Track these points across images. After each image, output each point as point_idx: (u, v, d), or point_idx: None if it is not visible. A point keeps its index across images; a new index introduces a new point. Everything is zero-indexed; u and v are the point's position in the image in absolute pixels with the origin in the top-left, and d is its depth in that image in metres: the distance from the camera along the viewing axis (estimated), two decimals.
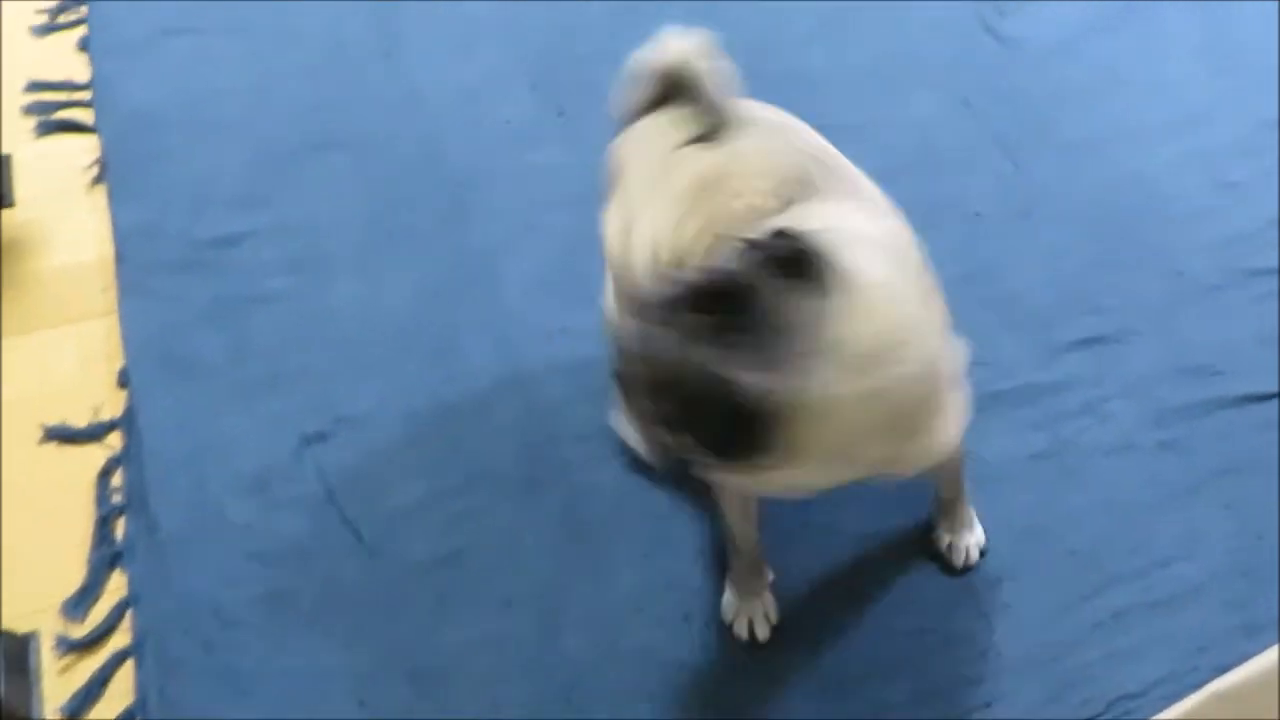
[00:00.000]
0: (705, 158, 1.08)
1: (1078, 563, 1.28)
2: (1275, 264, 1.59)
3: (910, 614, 1.25)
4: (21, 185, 1.61)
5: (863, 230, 0.97)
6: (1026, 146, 1.74)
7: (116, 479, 1.34)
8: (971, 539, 1.27)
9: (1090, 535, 1.30)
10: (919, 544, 1.29)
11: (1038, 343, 1.48)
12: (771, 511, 1.20)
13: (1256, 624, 1.22)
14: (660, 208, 1.08)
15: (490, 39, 1.84)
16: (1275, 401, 1.44)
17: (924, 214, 1.58)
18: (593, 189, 1.59)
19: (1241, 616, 1.23)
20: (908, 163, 1.69)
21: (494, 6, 1.89)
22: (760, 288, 0.82)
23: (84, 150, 1.69)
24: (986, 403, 1.40)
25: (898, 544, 1.31)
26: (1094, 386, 1.44)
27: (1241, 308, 1.54)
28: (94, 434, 1.38)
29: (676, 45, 1.15)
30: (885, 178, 1.59)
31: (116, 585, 1.26)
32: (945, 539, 1.27)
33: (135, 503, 1.31)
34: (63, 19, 1.88)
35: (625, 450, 1.32)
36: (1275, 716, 0.74)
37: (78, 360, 1.44)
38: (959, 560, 1.26)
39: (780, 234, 0.84)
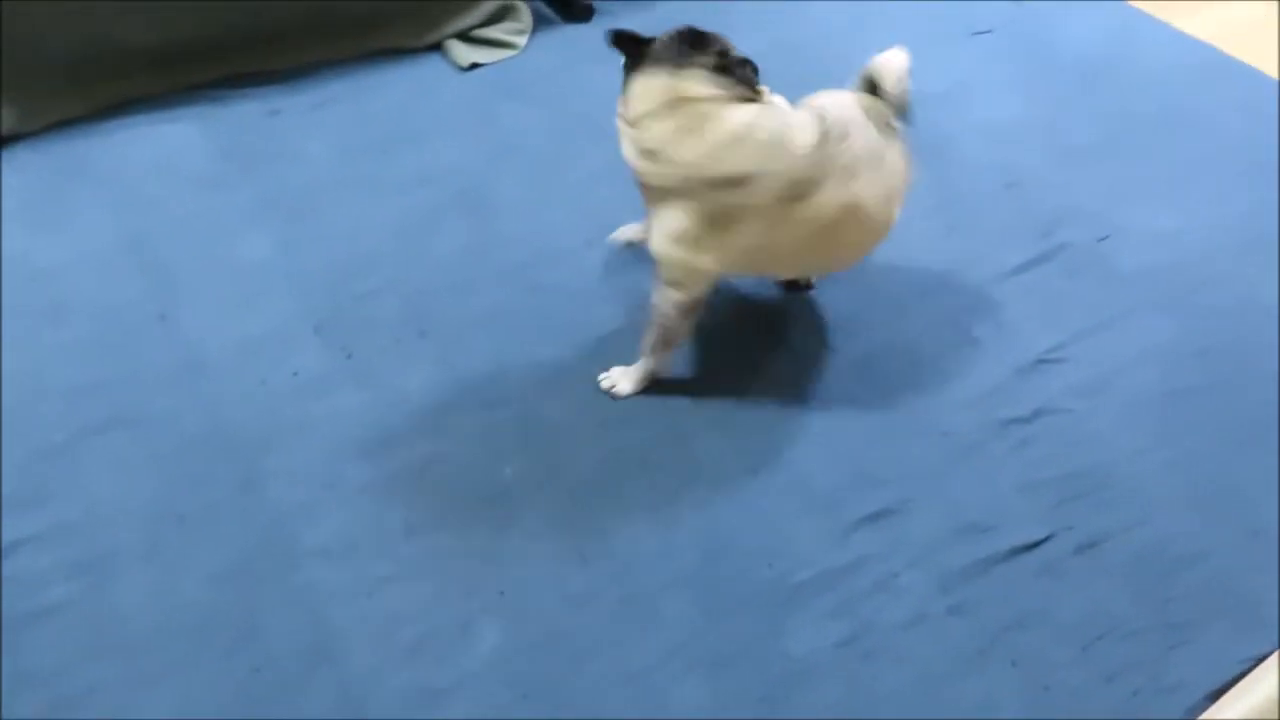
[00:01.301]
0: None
1: None
2: (1025, 411, 1.76)
3: None
4: None
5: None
6: (797, 326, 1.87)
7: None
8: None
9: (900, 715, 1.37)
10: None
11: (830, 525, 1.57)
12: None
13: None
14: None
15: (270, 286, 1.85)
16: (1043, 547, 1.57)
17: (720, 406, 1.69)
18: (394, 431, 1.62)
19: None
20: (690, 360, 1.79)
21: (271, 251, 1.91)
22: None
23: None
24: (789, 596, 1.48)
25: None
26: (884, 561, 1.53)
27: (1001, 459, 1.69)
28: None
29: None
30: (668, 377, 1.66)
31: None
32: None
33: None
34: None
35: None
36: None
37: None
38: None
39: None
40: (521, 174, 2.13)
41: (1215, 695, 1.41)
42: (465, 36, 2.45)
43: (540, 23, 2.56)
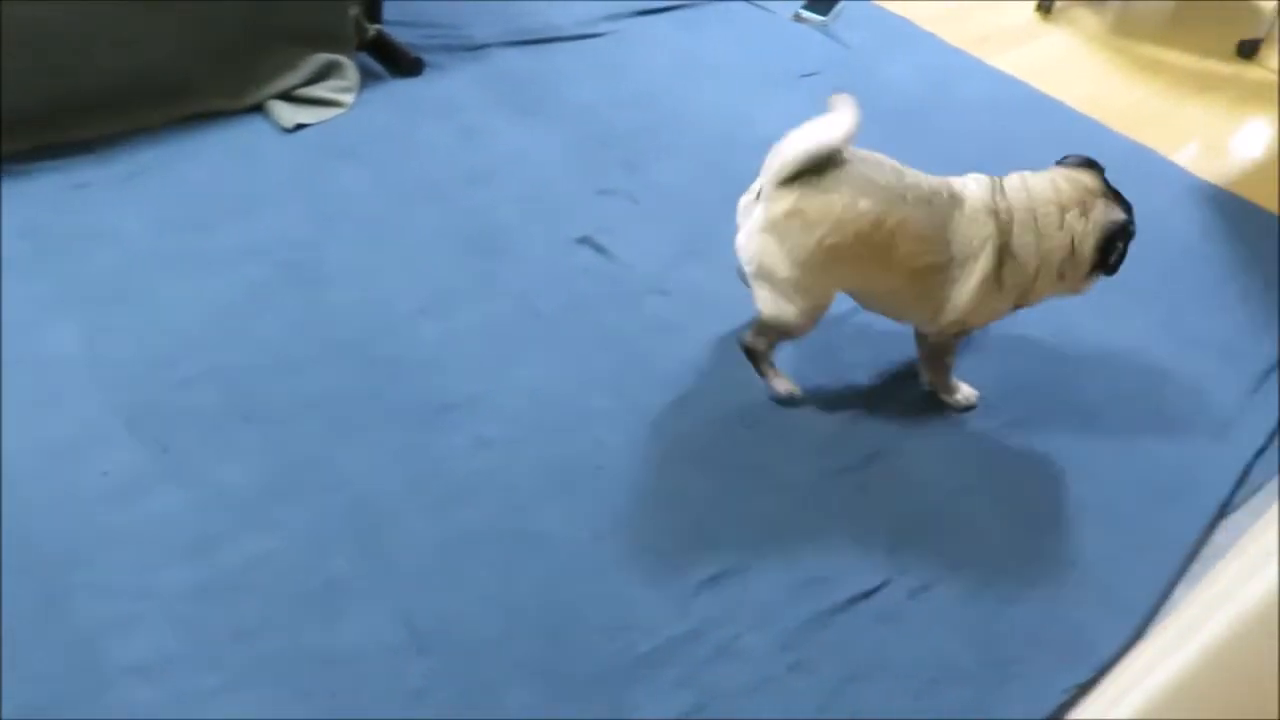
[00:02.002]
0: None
1: None
2: (858, 459, 1.80)
3: None
4: None
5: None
6: (635, 388, 1.87)
7: None
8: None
9: None
10: None
11: (672, 591, 1.57)
12: None
13: None
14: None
15: (75, 380, 1.74)
16: (879, 594, 1.61)
17: (548, 476, 1.68)
18: (215, 529, 1.54)
19: None
20: (526, 429, 1.77)
21: (76, 342, 1.80)
22: None
23: None
24: (633, 670, 1.48)
25: None
26: (726, 625, 1.54)
27: (838, 508, 1.73)
28: None
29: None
30: (502, 447, 1.66)
31: None
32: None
33: None
34: None
35: None
36: None
37: None
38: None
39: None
40: (353, 241, 2.08)
41: None
42: (289, 96, 2.37)
43: (368, 79, 2.51)
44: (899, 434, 1.85)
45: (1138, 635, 1.60)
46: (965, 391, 1.90)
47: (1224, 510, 1.80)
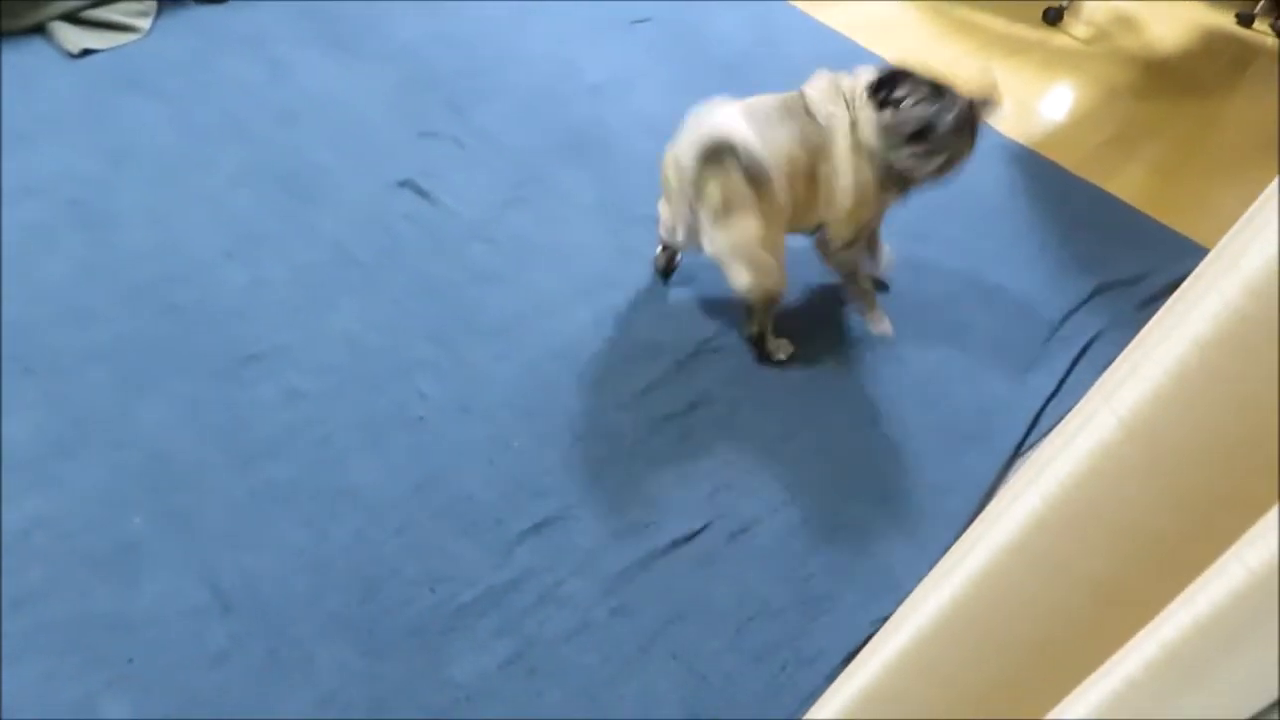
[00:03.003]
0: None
1: None
2: (682, 406, 1.82)
3: None
4: None
5: None
6: (458, 338, 1.82)
7: None
8: None
9: None
10: None
11: (492, 541, 1.55)
12: None
13: None
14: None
15: None
16: (699, 538, 1.64)
17: (364, 429, 1.62)
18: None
19: None
20: (341, 380, 1.70)
21: None
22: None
23: None
24: (452, 621, 1.45)
25: None
26: (548, 573, 1.54)
27: (661, 453, 1.74)
28: None
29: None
30: (315, 399, 1.59)
31: None
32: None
33: None
34: None
35: None
36: None
37: None
38: None
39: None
40: (146, 180, 1.93)
41: (849, 659, 1.54)
42: (74, 18, 2.17)
43: (166, 3, 2.32)
44: (722, 382, 1.88)
45: None
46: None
47: (1018, 451, 1.92)
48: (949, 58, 3.04)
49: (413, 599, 1.46)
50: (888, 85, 1.78)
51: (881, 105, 1.77)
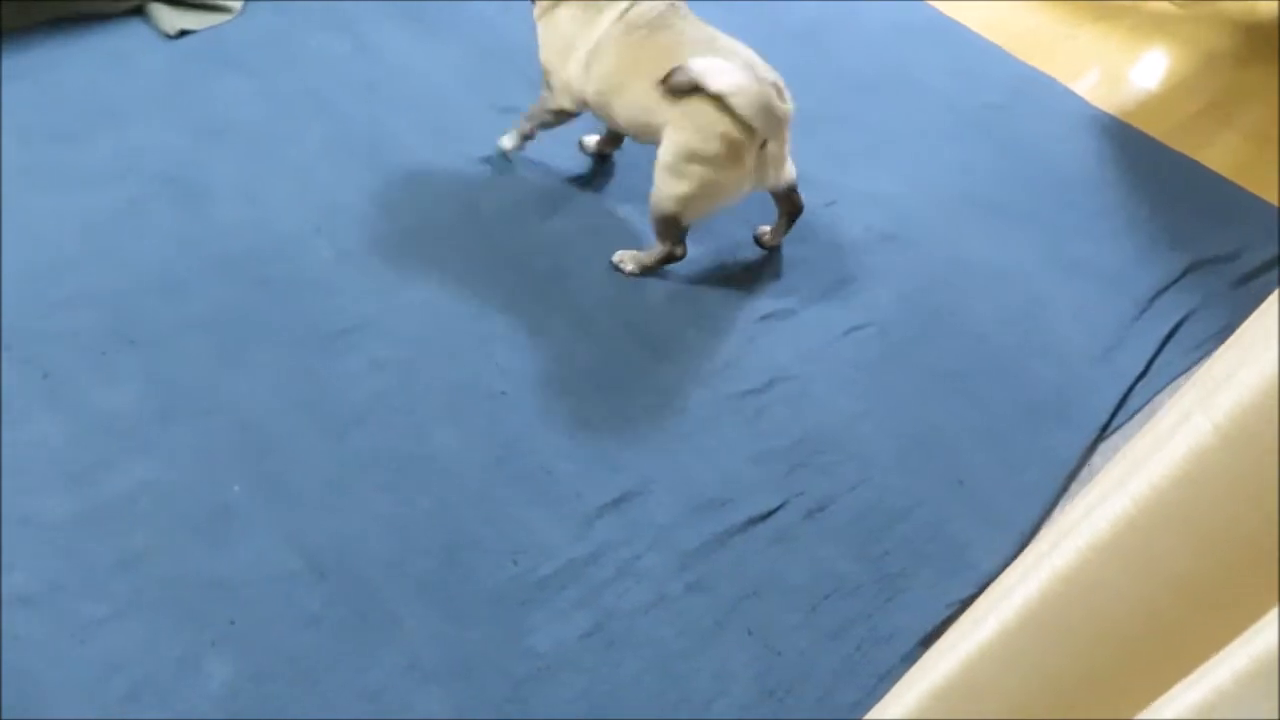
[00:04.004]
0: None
1: None
2: (759, 382, 1.83)
3: None
4: None
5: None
6: (537, 311, 1.85)
7: None
8: None
9: (639, 701, 1.42)
10: None
11: (571, 514, 1.59)
12: None
13: None
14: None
15: None
16: (775, 516, 1.65)
17: (451, 399, 1.66)
18: (100, 456, 1.49)
19: None
20: (423, 351, 1.75)
21: None
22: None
23: None
24: (533, 592, 1.49)
25: None
26: (625, 546, 1.57)
27: (737, 431, 1.75)
28: None
29: None
30: (397, 369, 1.64)
31: None
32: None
33: None
34: None
35: None
36: None
37: None
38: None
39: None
40: (237, 156, 1.99)
41: (927, 641, 1.54)
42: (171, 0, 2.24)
43: None
44: (797, 358, 1.88)
45: (1017, 552, 1.67)
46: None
47: (1103, 433, 1.89)
48: (1034, 24, 2.96)
49: (495, 568, 1.51)
50: None
51: None
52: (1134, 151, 2.55)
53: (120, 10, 2.20)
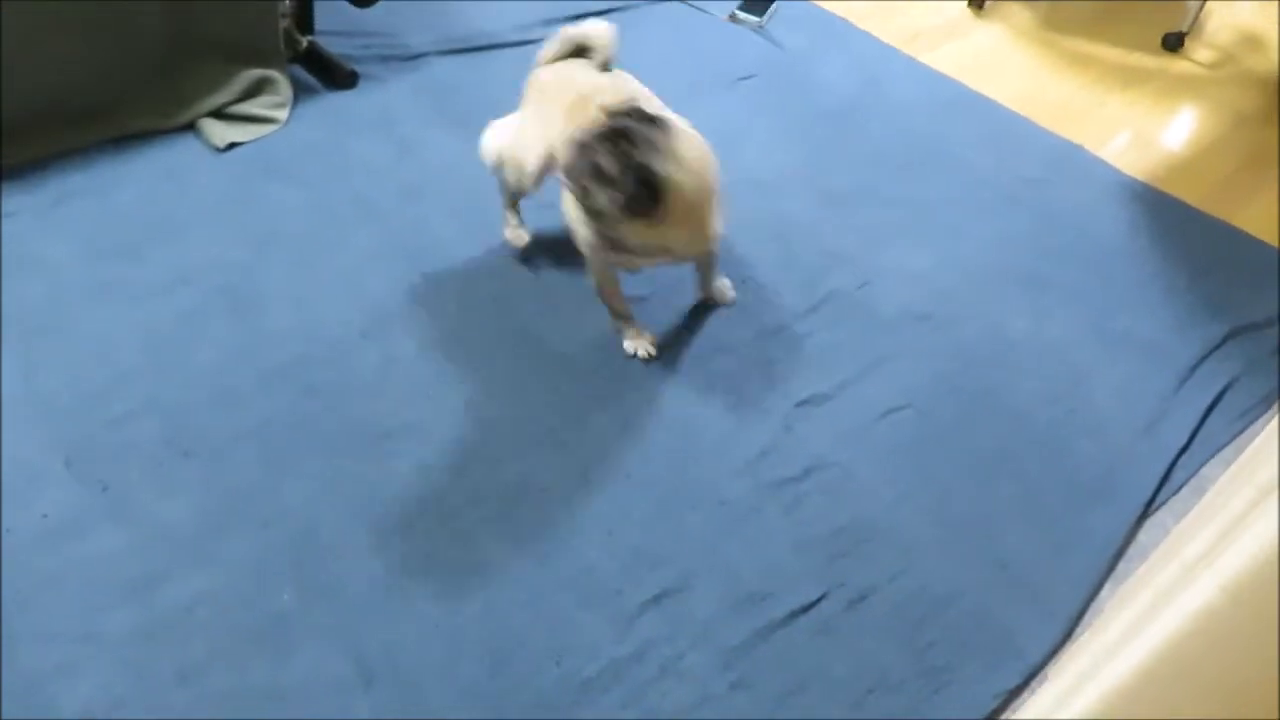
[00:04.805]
0: (584, 85, 1.91)
1: None
2: (797, 470, 1.84)
3: None
4: None
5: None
6: (577, 408, 1.89)
7: None
8: (726, 282, 2.11)
9: None
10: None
11: (613, 613, 1.60)
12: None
13: None
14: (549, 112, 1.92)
15: (10, 418, 1.73)
16: (817, 608, 1.65)
17: (494, 501, 1.70)
18: (158, 568, 1.54)
19: None
20: (467, 453, 1.79)
21: (8, 378, 1.78)
22: (638, 129, 1.66)
23: None
24: (579, 694, 1.51)
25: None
26: (668, 644, 1.58)
27: (776, 521, 1.76)
28: None
29: (594, 27, 1.99)
30: (443, 472, 1.68)
31: None
32: (713, 288, 2.08)
33: None
34: None
35: None
36: None
37: None
38: (728, 296, 2.12)
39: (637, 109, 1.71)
40: (287, 263, 2.07)
41: None
42: (221, 114, 2.35)
43: (301, 92, 2.48)
44: (835, 444, 1.89)
45: (1065, 637, 1.66)
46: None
47: (1148, 510, 1.87)
48: (1063, 95, 2.98)
49: (540, 671, 1.53)
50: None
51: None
52: (1169, 218, 2.55)
53: (173, 126, 2.31)
